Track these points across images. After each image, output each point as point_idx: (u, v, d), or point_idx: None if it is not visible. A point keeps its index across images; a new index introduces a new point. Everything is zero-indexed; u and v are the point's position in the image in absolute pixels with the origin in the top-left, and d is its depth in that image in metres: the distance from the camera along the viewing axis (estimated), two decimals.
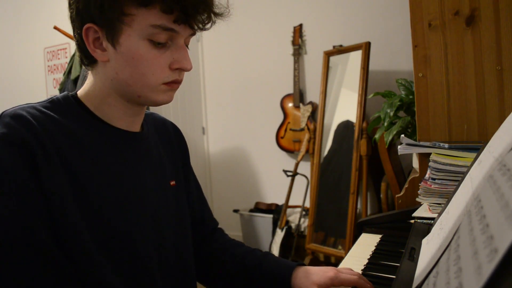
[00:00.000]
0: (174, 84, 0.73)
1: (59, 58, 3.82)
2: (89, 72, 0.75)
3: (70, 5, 0.70)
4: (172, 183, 0.85)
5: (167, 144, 0.89)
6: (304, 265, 0.85)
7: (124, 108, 0.75)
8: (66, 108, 0.72)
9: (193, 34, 0.73)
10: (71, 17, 0.71)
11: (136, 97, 0.73)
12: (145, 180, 0.77)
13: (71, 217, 0.65)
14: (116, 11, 0.66)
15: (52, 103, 0.72)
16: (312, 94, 3.01)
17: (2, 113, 0.67)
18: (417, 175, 1.32)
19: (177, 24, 0.68)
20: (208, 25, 0.72)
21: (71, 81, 2.94)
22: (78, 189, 0.67)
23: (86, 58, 0.73)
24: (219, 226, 1.03)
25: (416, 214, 1.12)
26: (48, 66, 3.92)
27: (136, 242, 0.72)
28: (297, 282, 0.82)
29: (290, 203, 2.88)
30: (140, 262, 0.73)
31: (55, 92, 3.75)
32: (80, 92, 0.76)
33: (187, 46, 0.74)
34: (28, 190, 0.62)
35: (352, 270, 0.81)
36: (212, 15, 0.71)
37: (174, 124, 0.95)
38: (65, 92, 0.76)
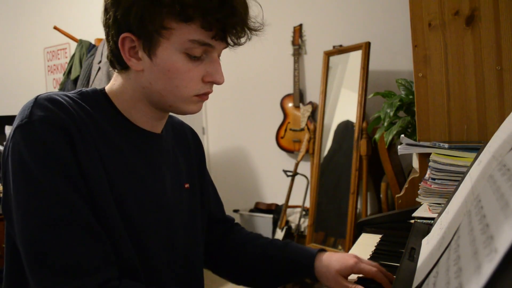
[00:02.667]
0: (205, 95, 0.75)
1: (59, 58, 3.82)
2: (117, 73, 0.76)
3: (106, 11, 0.71)
4: (187, 185, 0.86)
5: (184, 147, 0.90)
6: (325, 251, 0.87)
7: (151, 113, 0.76)
8: (95, 102, 0.73)
9: (226, 47, 0.74)
10: (106, 23, 0.71)
11: (167, 107, 0.74)
12: (163, 181, 0.78)
13: (106, 201, 0.67)
14: (156, 24, 0.66)
15: (82, 95, 0.73)
16: (312, 94, 3.00)
17: (37, 97, 0.68)
18: (417, 175, 1.32)
19: (215, 40, 0.69)
20: (244, 42, 0.73)
21: (71, 81, 2.94)
22: (108, 178, 0.68)
23: (118, 64, 0.73)
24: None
25: (416, 214, 1.12)
26: (48, 66, 3.92)
27: (148, 242, 0.73)
28: (320, 270, 0.83)
29: (290, 203, 2.88)
30: (149, 261, 0.74)
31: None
32: (108, 89, 0.77)
33: (219, 57, 0.75)
34: (72, 171, 0.64)
35: (371, 261, 0.82)
36: (248, 31, 0.72)
37: (192, 128, 0.97)
38: (93, 87, 0.77)
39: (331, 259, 0.83)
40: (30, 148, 0.63)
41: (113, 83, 0.76)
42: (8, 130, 2.38)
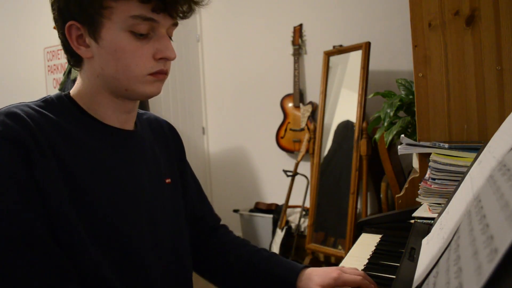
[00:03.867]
0: (160, 74, 0.73)
1: (59, 58, 3.81)
2: (73, 67, 0.76)
3: (52, 6, 0.71)
4: (168, 181, 0.85)
5: (162, 142, 0.89)
6: (310, 267, 0.86)
7: (115, 105, 0.75)
8: (59, 107, 0.72)
9: (176, 24, 0.73)
10: (54, 18, 0.71)
11: (124, 91, 0.73)
12: (140, 178, 0.77)
13: (66, 214, 0.65)
14: (95, 5, 0.66)
15: (45, 102, 0.72)
16: (312, 94, 3.00)
17: None
18: (417, 175, 1.32)
19: (156, 13, 0.68)
20: (188, 14, 0.72)
21: (71, 81, 2.93)
22: (73, 187, 0.67)
23: (72, 57, 0.73)
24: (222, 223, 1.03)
25: (416, 214, 1.12)
26: (48, 66, 3.92)
27: (132, 239, 0.72)
28: (301, 285, 0.82)
29: (290, 203, 2.88)
30: (136, 259, 0.73)
31: (55, 92, 3.74)
32: (72, 91, 0.76)
33: (171, 38, 0.74)
34: (25, 187, 0.62)
35: (357, 269, 0.81)
36: (192, 3, 0.71)
37: (169, 122, 0.96)
38: (58, 92, 0.76)
39: (313, 273, 0.82)
40: None
41: (76, 83, 0.76)
42: None
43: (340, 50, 2.69)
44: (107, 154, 0.73)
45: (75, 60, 0.74)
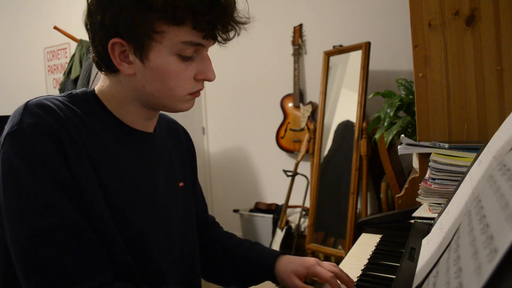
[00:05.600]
0: (197, 93, 0.75)
1: (59, 58, 3.82)
2: (104, 74, 0.75)
3: (91, 14, 0.69)
4: (181, 184, 0.86)
5: (177, 146, 0.90)
6: (288, 254, 0.87)
7: (142, 113, 0.76)
8: (85, 104, 0.73)
9: (214, 43, 0.74)
10: (91, 27, 0.70)
11: (161, 107, 0.75)
12: (158, 180, 0.78)
13: (98, 206, 0.67)
14: (147, 29, 0.66)
15: (72, 98, 0.73)
16: (312, 94, 3.00)
17: (27, 102, 0.67)
18: (417, 175, 1.32)
19: (206, 39, 0.69)
20: (232, 36, 0.73)
21: (71, 81, 2.94)
22: (100, 181, 0.68)
23: (107, 67, 0.72)
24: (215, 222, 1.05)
25: (416, 214, 1.12)
26: (48, 66, 3.92)
27: (148, 240, 0.74)
28: (278, 270, 0.84)
29: (290, 203, 2.88)
30: (151, 259, 0.74)
31: (55, 92, 3.75)
32: (98, 90, 0.76)
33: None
34: (63, 178, 0.64)
35: (335, 265, 0.81)
36: (237, 27, 0.72)
37: (183, 126, 0.98)
38: (83, 88, 0.77)
39: (290, 260, 0.84)
40: (20, 156, 0.62)
41: (102, 84, 0.76)
42: None
43: (340, 50, 2.69)
44: (128, 154, 0.74)
45: (109, 69, 0.73)
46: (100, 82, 0.77)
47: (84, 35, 3.52)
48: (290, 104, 3.08)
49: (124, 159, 0.73)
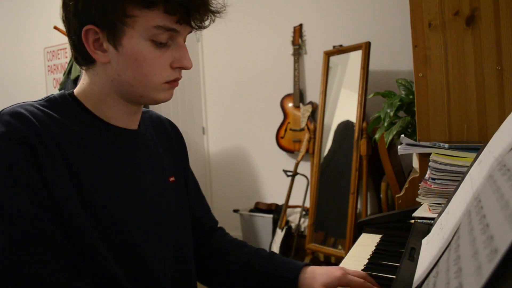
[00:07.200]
0: (175, 82, 0.74)
1: (59, 58, 3.81)
2: (84, 71, 0.75)
3: (65, 5, 0.69)
4: (172, 179, 0.85)
5: (166, 141, 0.89)
6: (311, 265, 0.85)
7: (123, 108, 0.75)
8: (63, 106, 0.72)
9: (191, 31, 0.73)
10: (66, 17, 0.70)
11: (138, 97, 0.73)
12: (145, 177, 0.77)
13: (75, 213, 0.65)
14: (119, 13, 0.65)
15: (49, 102, 0.72)
16: (312, 94, 3.00)
17: (0, 112, 0.66)
18: (417, 175, 1.32)
19: (179, 24, 0.69)
20: (208, 25, 0.73)
21: (71, 81, 2.93)
22: (80, 186, 0.67)
23: (84, 58, 0.72)
24: (219, 225, 1.02)
25: (416, 214, 1.12)
26: (48, 66, 3.91)
27: (137, 238, 0.73)
28: (304, 283, 0.81)
29: (290, 203, 2.88)
30: (141, 258, 0.73)
31: (55, 92, 3.74)
32: (76, 90, 0.75)
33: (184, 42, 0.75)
34: (34, 186, 0.63)
35: (360, 272, 0.80)
36: (211, 14, 0.71)
37: (171, 121, 0.96)
38: (62, 91, 0.76)
39: (316, 272, 0.81)
40: None
41: (82, 82, 0.75)
42: None
43: (340, 50, 2.69)
44: (112, 154, 0.73)
45: (86, 61, 0.72)
46: (79, 83, 0.76)
47: None
48: (290, 104, 3.08)
49: (107, 159, 0.72)
